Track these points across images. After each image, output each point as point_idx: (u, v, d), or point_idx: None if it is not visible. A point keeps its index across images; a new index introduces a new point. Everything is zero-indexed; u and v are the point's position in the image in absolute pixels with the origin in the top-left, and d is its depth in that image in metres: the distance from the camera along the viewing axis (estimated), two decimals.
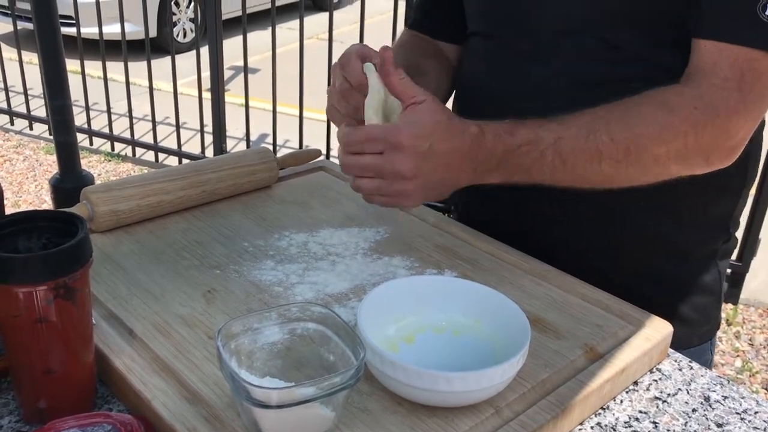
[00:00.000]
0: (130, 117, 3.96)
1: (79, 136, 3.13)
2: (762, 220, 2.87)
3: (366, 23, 3.26)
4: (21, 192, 3.81)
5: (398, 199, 0.83)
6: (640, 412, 0.73)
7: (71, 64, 2.96)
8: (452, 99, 1.11)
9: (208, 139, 3.88)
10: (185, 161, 3.40)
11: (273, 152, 1.12)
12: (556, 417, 0.68)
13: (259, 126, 4.12)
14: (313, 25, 5.86)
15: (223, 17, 3.52)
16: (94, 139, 4.21)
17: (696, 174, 0.86)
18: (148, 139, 4.06)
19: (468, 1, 1.04)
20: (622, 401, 0.75)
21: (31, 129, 4.44)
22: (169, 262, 0.90)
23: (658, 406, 0.74)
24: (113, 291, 0.83)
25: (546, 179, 0.84)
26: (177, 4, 6.11)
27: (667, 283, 0.97)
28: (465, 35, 1.06)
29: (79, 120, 3.49)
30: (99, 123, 4.18)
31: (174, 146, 3.95)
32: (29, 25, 4.37)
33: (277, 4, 3.51)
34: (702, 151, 0.83)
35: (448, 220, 1.05)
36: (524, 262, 0.93)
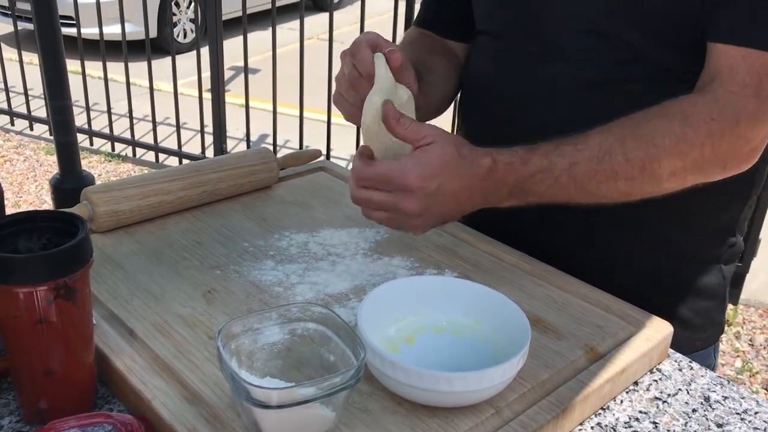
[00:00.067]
0: (131, 117, 3.96)
1: (80, 137, 3.13)
2: (762, 221, 2.87)
3: (366, 23, 3.26)
4: (21, 192, 3.81)
5: (406, 229, 0.85)
6: (641, 412, 0.73)
7: (71, 65, 2.96)
8: (458, 97, 1.11)
9: (209, 139, 3.88)
10: (185, 161, 3.39)
11: (273, 152, 1.12)
12: (557, 417, 0.68)
13: (260, 126, 4.12)
14: (314, 26, 5.86)
15: (224, 17, 3.52)
16: (95, 139, 4.21)
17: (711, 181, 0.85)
18: (149, 139, 4.06)
19: (477, 3, 1.04)
20: (622, 401, 0.75)
21: (31, 129, 4.44)
22: (170, 262, 0.90)
23: (658, 407, 0.74)
24: (113, 291, 0.83)
25: (561, 201, 0.84)
26: (177, 4, 6.11)
27: (668, 286, 0.97)
28: (472, 33, 1.06)
29: (80, 120, 3.49)
30: (99, 123, 4.18)
31: (174, 146, 3.95)
32: (29, 26, 4.37)
33: (277, 4, 3.51)
34: (719, 160, 0.82)
35: None
36: (524, 262, 0.93)
